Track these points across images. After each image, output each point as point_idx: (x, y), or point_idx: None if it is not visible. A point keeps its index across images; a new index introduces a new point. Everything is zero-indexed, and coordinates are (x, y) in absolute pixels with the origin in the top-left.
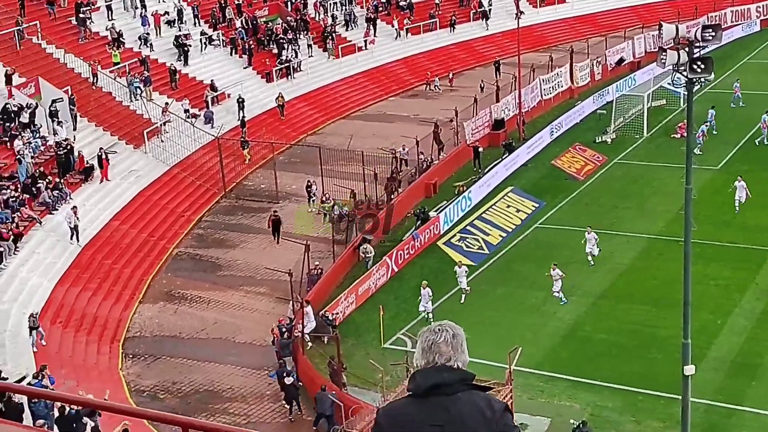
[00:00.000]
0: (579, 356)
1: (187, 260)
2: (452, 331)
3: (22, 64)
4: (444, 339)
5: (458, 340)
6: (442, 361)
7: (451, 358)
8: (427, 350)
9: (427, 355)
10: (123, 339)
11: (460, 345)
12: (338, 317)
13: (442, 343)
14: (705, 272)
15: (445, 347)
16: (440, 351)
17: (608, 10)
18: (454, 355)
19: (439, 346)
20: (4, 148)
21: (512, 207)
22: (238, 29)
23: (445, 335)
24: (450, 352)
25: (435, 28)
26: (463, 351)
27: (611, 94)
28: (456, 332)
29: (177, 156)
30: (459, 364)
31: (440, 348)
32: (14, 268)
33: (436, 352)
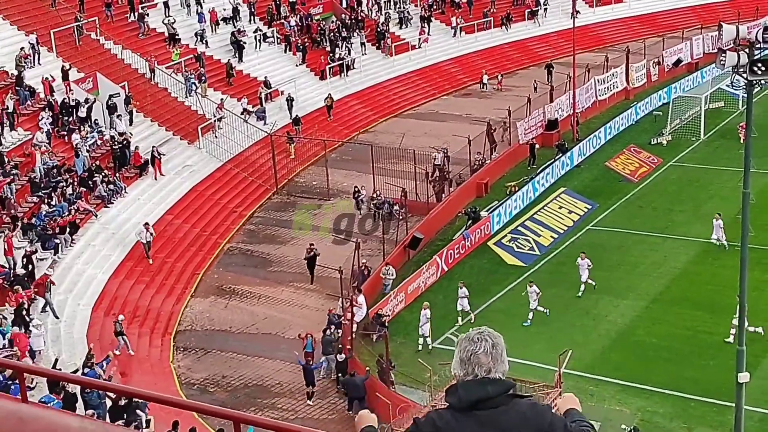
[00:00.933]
0: (630, 360)
1: (239, 255)
2: (492, 341)
3: (81, 59)
4: (483, 349)
5: (498, 349)
6: (482, 372)
7: (491, 369)
8: (466, 361)
9: (466, 366)
10: (174, 332)
11: (500, 355)
12: (387, 316)
13: (481, 354)
14: (762, 278)
15: (484, 358)
16: (480, 362)
17: (666, 9)
18: (494, 366)
19: (478, 356)
20: (62, 141)
21: (564, 208)
22: (292, 26)
23: (485, 345)
24: (490, 363)
25: (489, 27)
26: (503, 361)
27: (668, 96)
28: (495, 341)
29: (230, 152)
30: (499, 375)
31: (480, 359)
32: (70, 260)
33: (475, 363)
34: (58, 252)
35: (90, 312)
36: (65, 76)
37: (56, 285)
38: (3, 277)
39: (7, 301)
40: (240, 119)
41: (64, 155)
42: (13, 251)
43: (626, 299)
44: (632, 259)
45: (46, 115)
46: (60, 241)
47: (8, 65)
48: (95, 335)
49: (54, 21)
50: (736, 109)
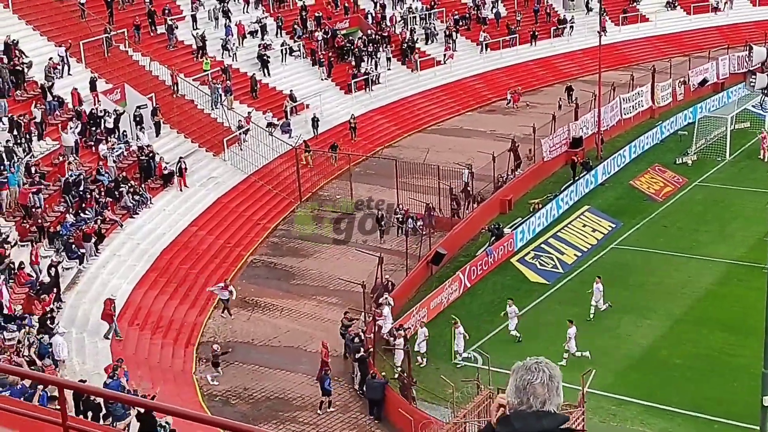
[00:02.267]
0: (653, 380)
1: (262, 268)
2: (549, 372)
3: (109, 70)
4: (540, 380)
5: (554, 382)
6: (537, 404)
7: (546, 401)
8: (521, 390)
9: (521, 395)
10: (197, 343)
11: (556, 387)
12: (409, 331)
13: (537, 385)
14: None
15: (540, 389)
16: (535, 392)
17: (692, 29)
18: (549, 398)
19: (534, 387)
20: (89, 152)
21: (588, 226)
22: (318, 41)
23: (542, 376)
24: (545, 395)
25: (515, 43)
26: (558, 394)
27: (693, 116)
28: (553, 373)
29: (255, 164)
30: (554, 408)
31: (536, 389)
32: (95, 270)
33: (531, 393)
34: (83, 261)
35: None
36: (93, 86)
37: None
38: (29, 286)
39: (33, 309)
40: (265, 132)
41: (91, 165)
42: (39, 260)
43: (649, 319)
44: (656, 278)
45: (74, 126)
46: (85, 250)
47: (38, 75)
48: (118, 346)
49: (84, 32)
50: (762, 129)
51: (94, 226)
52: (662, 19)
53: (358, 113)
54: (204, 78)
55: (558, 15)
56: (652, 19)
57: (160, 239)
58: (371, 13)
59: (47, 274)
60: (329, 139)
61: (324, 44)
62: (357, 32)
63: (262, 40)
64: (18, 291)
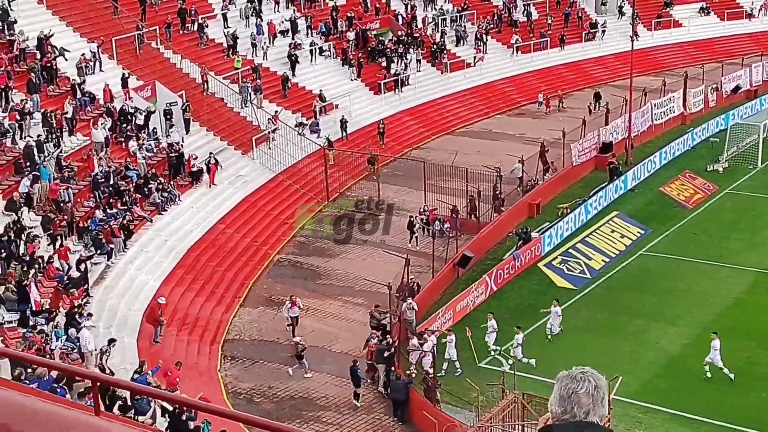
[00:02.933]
0: (679, 389)
1: (288, 267)
2: (594, 382)
3: (140, 67)
4: (585, 390)
5: (600, 393)
6: (581, 414)
7: (590, 412)
8: (565, 398)
9: (564, 403)
10: (223, 341)
11: (601, 398)
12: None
13: (582, 394)
14: None
15: (585, 398)
16: (580, 402)
17: (726, 36)
18: (593, 409)
19: (579, 396)
20: (119, 148)
21: (617, 232)
22: (349, 41)
23: (587, 386)
24: (590, 405)
25: (546, 47)
26: (603, 405)
27: (725, 123)
28: (598, 384)
29: (283, 163)
30: (597, 419)
31: (580, 399)
32: (123, 265)
33: (575, 403)
34: (112, 257)
35: (141, 317)
36: (125, 83)
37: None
38: (58, 280)
39: (61, 303)
40: (294, 131)
41: (121, 162)
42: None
43: (677, 326)
44: (684, 286)
45: (105, 122)
46: (114, 246)
47: (69, 71)
48: (145, 340)
49: (116, 29)
50: None
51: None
52: (695, 24)
53: (387, 114)
54: (234, 76)
55: (590, 19)
56: (685, 25)
57: (188, 236)
58: (402, 14)
59: (76, 268)
60: (357, 140)
61: (354, 45)
62: (388, 33)
63: (292, 40)
64: (47, 285)
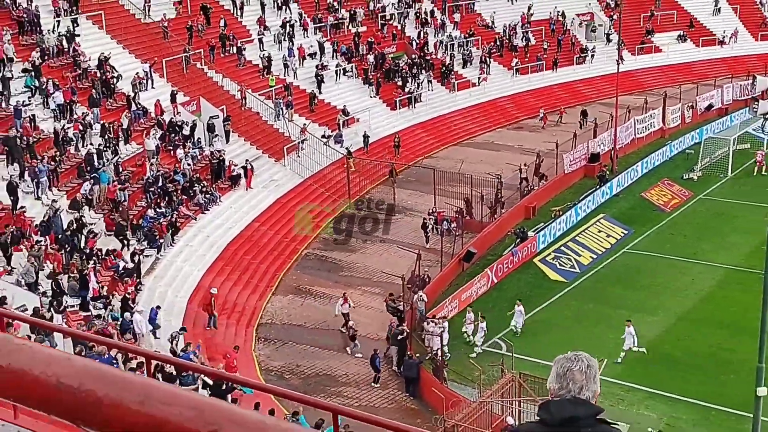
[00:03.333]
0: (658, 370)
1: (314, 260)
2: (587, 362)
3: (187, 85)
4: (579, 367)
5: (592, 370)
6: (575, 389)
7: (583, 387)
8: (561, 376)
9: (561, 380)
10: (257, 324)
11: (593, 375)
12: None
13: (576, 371)
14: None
15: (579, 375)
16: (574, 378)
17: (701, 60)
18: (586, 384)
19: (573, 373)
20: (168, 155)
21: (603, 232)
22: (369, 63)
23: (581, 364)
24: (583, 381)
25: (542, 69)
26: (595, 382)
27: (699, 136)
28: (591, 363)
29: (311, 170)
30: (590, 395)
31: (574, 375)
32: (171, 258)
33: (570, 379)
34: (161, 250)
35: (186, 303)
36: (173, 98)
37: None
38: (114, 270)
39: (116, 290)
40: (320, 142)
41: (169, 167)
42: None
43: (656, 316)
44: (662, 280)
45: (156, 132)
46: (163, 241)
47: (126, 88)
48: (190, 323)
49: (166, 51)
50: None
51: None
52: (674, 50)
53: (401, 127)
54: (268, 93)
55: (581, 44)
56: (665, 50)
57: (227, 233)
58: (416, 39)
59: (130, 260)
60: (375, 150)
61: (373, 66)
62: (403, 56)
63: (319, 61)
64: (104, 274)
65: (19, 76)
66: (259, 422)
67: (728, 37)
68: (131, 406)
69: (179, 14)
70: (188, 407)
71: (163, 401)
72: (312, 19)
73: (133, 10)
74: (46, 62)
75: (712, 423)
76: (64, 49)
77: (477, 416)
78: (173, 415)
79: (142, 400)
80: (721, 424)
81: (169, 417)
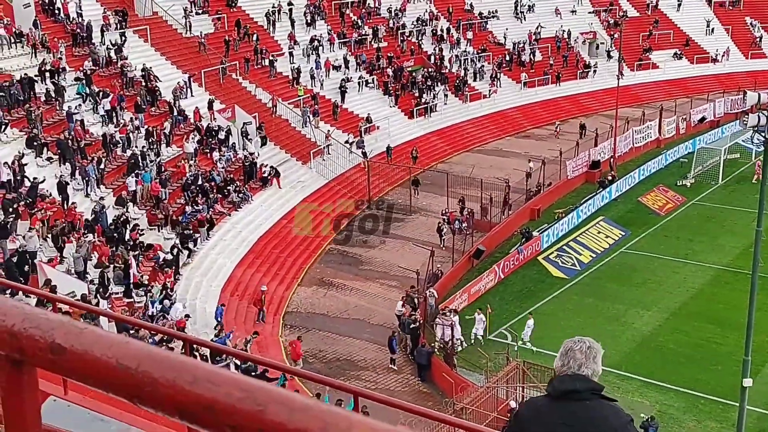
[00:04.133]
0: (651, 361)
1: (337, 255)
2: (588, 344)
3: (223, 94)
4: (580, 347)
5: (592, 351)
6: (575, 366)
7: (582, 365)
8: (564, 354)
9: (563, 358)
10: (284, 313)
11: (593, 355)
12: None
13: (577, 350)
14: (765, 301)
15: (579, 354)
16: (575, 357)
17: (695, 76)
18: (585, 362)
19: (574, 352)
20: (205, 157)
21: (602, 233)
22: (389, 76)
23: (582, 345)
24: (582, 359)
25: (548, 83)
26: (595, 361)
27: (693, 146)
28: (591, 345)
29: (334, 172)
30: (589, 372)
31: (575, 354)
32: (206, 251)
33: (571, 357)
34: (197, 243)
35: (219, 292)
36: (210, 106)
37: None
38: (155, 261)
39: (157, 279)
40: (343, 147)
41: (206, 168)
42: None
43: (650, 311)
44: (657, 278)
45: (194, 137)
46: (199, 235)
47: (167, 95)
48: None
49: (204, 63)
50: (750, 160)
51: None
52: (670, 66)
53: (418, 135)
54: (297, 102)
55: (584, 60)
56: (661, 67)
57: (258, 228)
58: (432, 54)
59: (170, 252)
60: (395, 156)
61: (393, 78)
62: (420, 69)
63: (344, 74)
64: (146, 265)
65: (71, 84)
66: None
67: (721, 55)
68: (184, 386)
69: (217, 29)
70: (237, 388)
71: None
72: (337, 34)
73: (175, 25)
74: (97, 72)
75: (701, 410)
76: (113, 59)
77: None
78: (222, 395)
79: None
80: (710, 411)
81: (218, 397)
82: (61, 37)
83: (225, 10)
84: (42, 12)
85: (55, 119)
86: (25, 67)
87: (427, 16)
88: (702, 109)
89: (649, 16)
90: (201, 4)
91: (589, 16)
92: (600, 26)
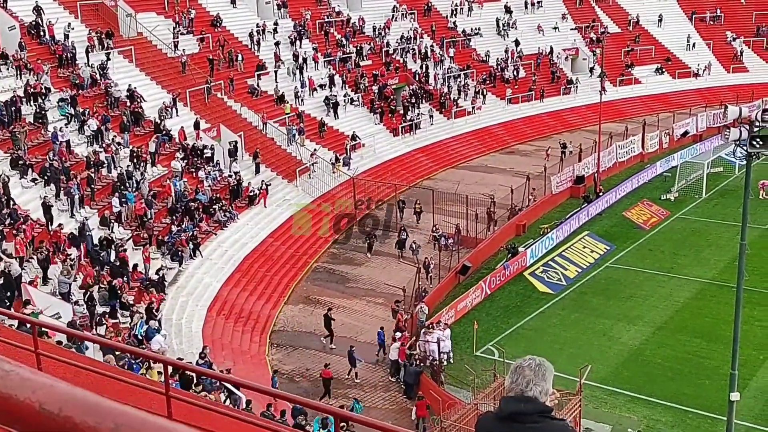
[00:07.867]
0: (638, 376)
1: (323, 273)
2: (538, 361)
3: (208, 113)
4: (529, 365)
5: (542, 369)
6: (524, 383)
7: (531, 381)
8: (513, 372)
9: (512, 375)
10: (270, 331)
11: (542, 374)
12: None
13: (527, 368)
14: (751, 314)
15: (528, 371)
16: (524, 374)
17: (677, 91)
18: (534, 380)
19: (524, 369)
20: (190, 176)
21: (587, 248)
22: (374, 93)
23: (531, 363)
24: (531, 376)
25: (531, 99)
26: (544, 379)
27: (676, 161)
28: (542, 363)
29: (320, 190)
30: (538, 390)
31: (524, 371)
32: (192, 270)
33: (520, 374)
34: (182, 263)
35: (205, 312)
36: (196, 125)
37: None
38: (140, 282)
39: (143, 300)
40: (329, 165)
41: (191, 188)
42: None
43: (636, 325)
44: (643, 292)
45: (180, 156)
46: (184, 254)
47: (153, 115)
48: (209, 331)
49: (189, 83)
50: (733, 173)
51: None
52: (652, 82)
53: (403, 152)
54: (282, 120)
55: (567, 76)
56: (644, 82)
57: (244, 247)
58: (417, 72)
59: (154, 273)
60: (379, 171)
61: (378, 96)
62: (405, 87)
63: (330, 92)
64: (132, 285)
65: (53, 106)
66: None
67: (702, 69)
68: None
69: (200, 50)
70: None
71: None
72: (323, 54)
73: (160, 45)
74: (81, 93)
75: (689, 425)
76: (98, 80)
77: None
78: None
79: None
80: (698, 426)
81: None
82: (46, 59)
83: (209, 30)
84: (27, 34)
85: (40, 140)
86: (10, 89)
87: (412, 34)
88: (684, 124)
89: (631, 32)
90: (186, 24)
91: (571, 32)
92: (582, 42)
